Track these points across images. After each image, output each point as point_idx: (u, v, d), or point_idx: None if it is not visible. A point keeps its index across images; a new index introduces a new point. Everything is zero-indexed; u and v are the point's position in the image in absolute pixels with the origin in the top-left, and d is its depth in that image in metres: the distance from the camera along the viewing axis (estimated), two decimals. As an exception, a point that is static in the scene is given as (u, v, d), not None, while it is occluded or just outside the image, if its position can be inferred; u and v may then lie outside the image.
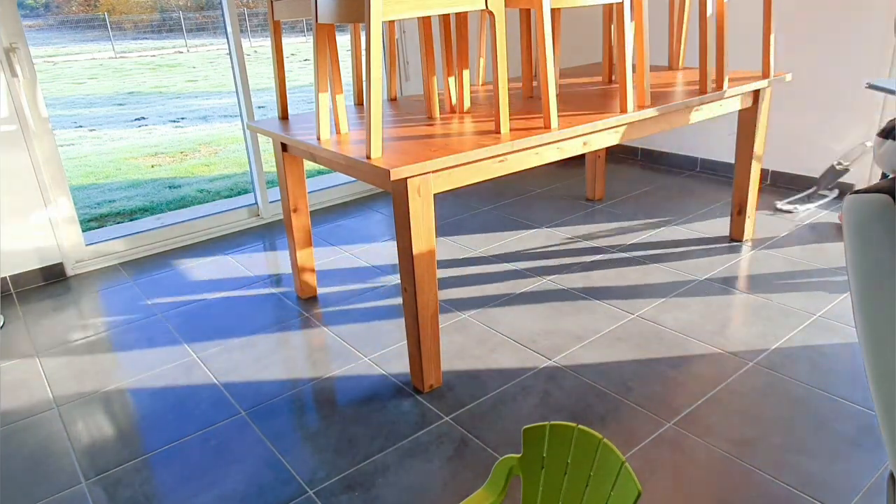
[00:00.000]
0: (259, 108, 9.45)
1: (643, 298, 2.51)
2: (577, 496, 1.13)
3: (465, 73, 2.38)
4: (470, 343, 2.28)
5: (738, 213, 2.92)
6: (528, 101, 2.53)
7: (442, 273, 2.83)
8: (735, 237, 2.97)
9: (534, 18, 2.67)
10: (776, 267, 2.69)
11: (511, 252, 3.00)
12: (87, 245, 3.08)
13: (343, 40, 2.94)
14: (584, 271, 2.76)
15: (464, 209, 3.60)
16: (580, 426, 1.14)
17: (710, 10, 2.56)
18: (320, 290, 2.74)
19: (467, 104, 2.42)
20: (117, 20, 23.29)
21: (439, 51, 3.71)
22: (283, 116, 2.50)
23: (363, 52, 2.40)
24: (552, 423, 1.17)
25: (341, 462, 1.75)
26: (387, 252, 3.11)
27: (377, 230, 3.40)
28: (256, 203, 3.58)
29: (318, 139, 2.12)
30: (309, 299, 2.67)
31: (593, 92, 2.64)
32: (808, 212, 3.13)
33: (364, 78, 2.29)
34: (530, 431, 1.18)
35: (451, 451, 1.77)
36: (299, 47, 17.65)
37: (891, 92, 2.08)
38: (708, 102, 2.50)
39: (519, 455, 1.19)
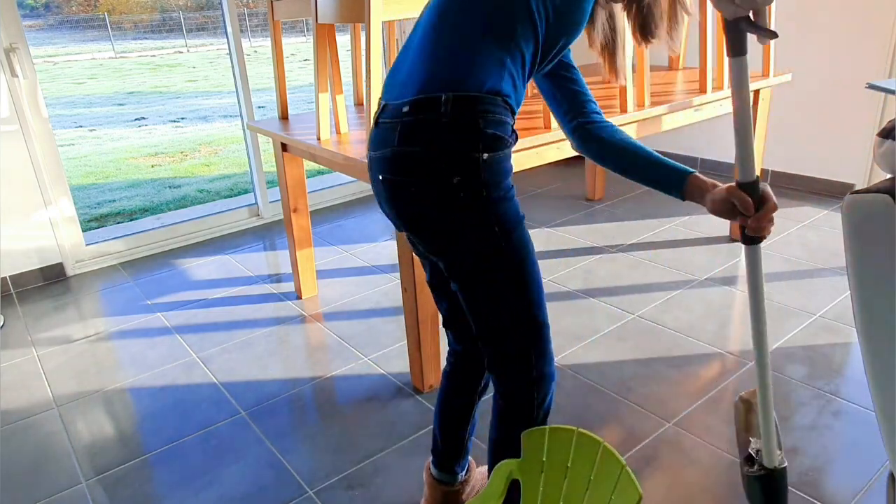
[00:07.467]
0: (259, 108, 9.45)
1: (643, 298, 2.50)
2: (578, 500, 1.13)
3: (465, 73, 2.38)
4: (470, 343, 2.28)
5: (738, 212, 2.91)
6: (528, 101, 2.53)
7: (442, 273, 2.83)
8: (735, 237, 2.96)
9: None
10: (776, 266, 2.69)
11: (511, 252, 3.00)
12: (87, 245, 3.08)
13: (343, 40, 2.93)
14: (584, 271, 2.76)
15: (464, 209, 3.60)
16: (580, 430, 1.14)
17: (710, 11, 2.56)
18: (320, 290, 2.74)
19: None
20: (117, 20, 23.27)
21: (439, 51, 3.70)
22: (283, 116, 2.50)
23: (363, 52, 2.40)
24: (552, 426, 1.16)
25: (341, 462, 1.75)
26: (387, 252, 3.11)
27: (377, 230, 3.40)
28: (256, 203, 3.58)
29: (318, 139, 2.12)
30: (309, 299, 2.67)
31: (593, 92, 2.63)
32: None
33: (364, 78, 2.29)
34: (530, 435, 1.17)
35: (451, 452, 1.76)
36: (299, 47, 17.64)
37: (891, 92, 2.08)
38: (708, 102, 2.50)
39: (518, 459, 1.18)
